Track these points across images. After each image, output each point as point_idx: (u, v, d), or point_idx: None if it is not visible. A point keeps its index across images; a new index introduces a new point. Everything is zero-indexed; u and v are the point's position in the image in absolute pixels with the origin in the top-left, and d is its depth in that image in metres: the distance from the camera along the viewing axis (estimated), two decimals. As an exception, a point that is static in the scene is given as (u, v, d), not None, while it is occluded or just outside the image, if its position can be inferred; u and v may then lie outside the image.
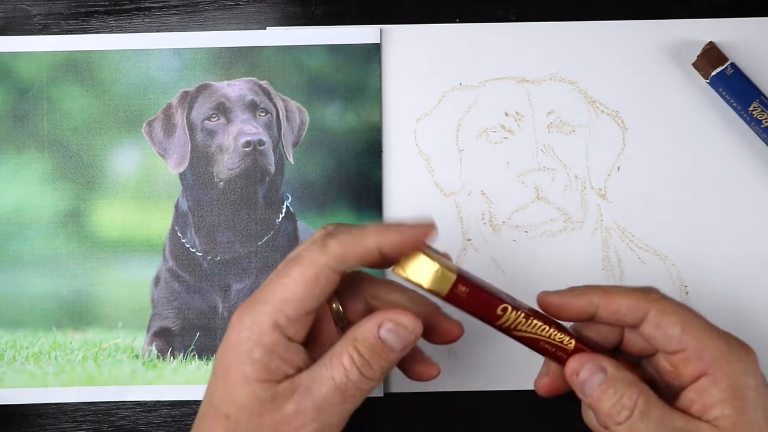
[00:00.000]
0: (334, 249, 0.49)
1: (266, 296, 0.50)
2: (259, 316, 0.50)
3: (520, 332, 0.52)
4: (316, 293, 0.50)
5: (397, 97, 0.68)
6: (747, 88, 0.66)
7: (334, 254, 0.49)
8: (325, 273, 0.49)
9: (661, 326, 0.51)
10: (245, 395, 0.49)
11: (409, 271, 0.50)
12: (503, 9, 0.68)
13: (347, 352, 0.50)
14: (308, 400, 0.49)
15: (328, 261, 0.49)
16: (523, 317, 0.52)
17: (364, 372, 0.50)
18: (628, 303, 0.51)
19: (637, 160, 0.67)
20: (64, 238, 0.67)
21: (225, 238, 0.67)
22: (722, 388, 0.50)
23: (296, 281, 0.49)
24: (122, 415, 0.66)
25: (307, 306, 0.50)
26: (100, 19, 0.68)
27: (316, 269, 0.49)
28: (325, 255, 0.49)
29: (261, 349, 0.49)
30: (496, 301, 0.51)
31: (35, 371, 0.66)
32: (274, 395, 0.49)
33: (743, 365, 0.50)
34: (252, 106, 0.67)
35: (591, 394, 0.51)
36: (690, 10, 0.68)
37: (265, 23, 0.68)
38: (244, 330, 0.50)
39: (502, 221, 0.67)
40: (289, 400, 0.49)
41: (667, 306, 0.51)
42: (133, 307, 0.67)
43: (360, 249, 0.50)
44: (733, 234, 0.67)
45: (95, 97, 0.67)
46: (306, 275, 0.49)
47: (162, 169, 0.67)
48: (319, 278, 0.49)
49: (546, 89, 0.68)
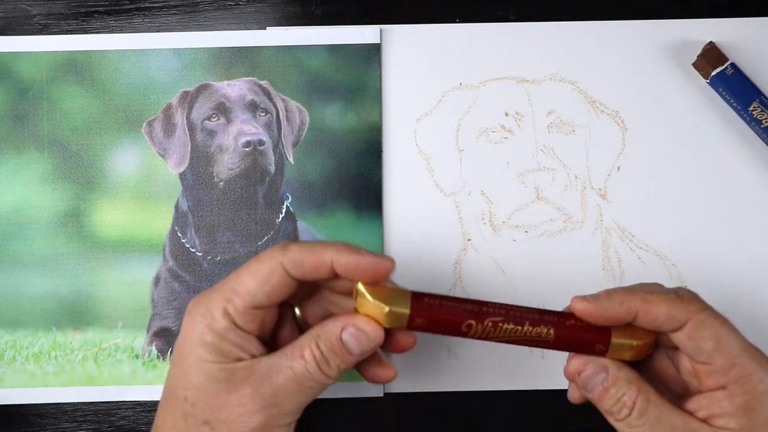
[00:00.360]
0: (292, 252, 0.51)
1: (220, 286, 0.52)
2: (211, 303, 0.51)
3: (493, 338, 0.53)
4: (267, 289, 0.51)
5: (397, 97, 0.68)
6: (747, 88, 0.66)
7: (290, 256, 0.51)
8: (278, 272, 0.51)
9: (695, 338, 0.51)
10: (201, 376, 0.51)
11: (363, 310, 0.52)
12: (503, 9, 0.68)
13: (309, 346, 0.52)
14: (266, 386, 0.51)
15: (283, 261, 0.51)
16: (490, 326, 0.52)
17: (322, 368, 0.51)
18: (667, 313, 0.52)
19: (637, 160, 0.67)
20: (64, 238, 0.67)
21: (225, 238, 0.67)
22: (735, 404, 0.51)
23: (250, 274, 0.51)
24: (122, 415, 0.66)
25: (256, 300, 0.51)
26: (100, 19, 0.68)
27: (271, 266, 0.51)
28: (282, 255, 0.51)
29: (212, 333, 0.51)
30: (458, 321, 0.52)
31: (35, 371, 0.66)
32: (230, 376, 0.51)
33: (765, 386, 0.51)
34: (252, 106, 0.67)
35: (593, 391, 0.53)
36: (690, 10, 0.68)
37: (265, 23, 0.68)
38: (197, 316, 0.52)
39: (502, 221, 0.67)
40: (245, 382, 0.51)
41: (705, 319, 0.52)
42: (133, 307, 0.67)
43: (315, 259, 0.51)
44: (733, 234, 0.67)
45: (95, 97, 0.67)
46: (260, 270, 0.51)
47: (162, 169, 0.67)
48: (272, 275, 0.51)
49: (546, 89, 0.68)
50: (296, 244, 0.52)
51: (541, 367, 0.66)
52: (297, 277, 0.52)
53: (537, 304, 0.66)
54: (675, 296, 0.52)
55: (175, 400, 0.52)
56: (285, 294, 0.52)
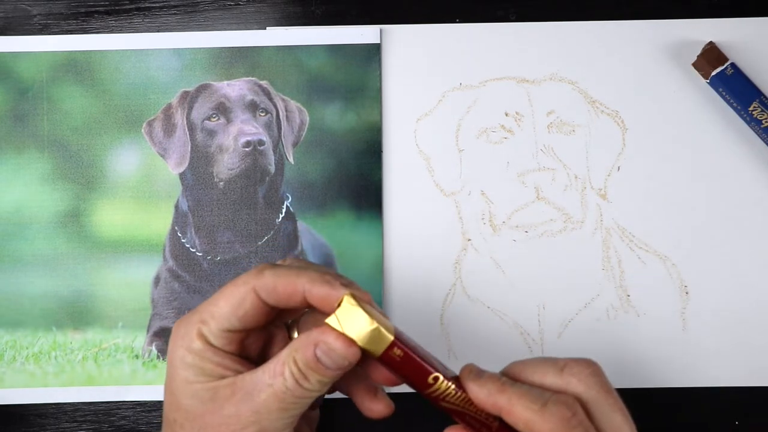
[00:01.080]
0: (266, 278, 0.51)
1: (200, 308, 0.52)
2: (189, 325, 0.51)
3: (448, 404, 0.51)
4: (240, 314, 0.51)
5: (397, 97, 0.68)
6: (747, 88, 0.66)
7: (263, 282, 0.51)
8: (251, 297, 0.51)
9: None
10: (187, 398, 0.51)
11: (343, 323, 0.50)
12: (503, 9, 0.68)
13: (287, 362, 0.50)
14: (247, 404, 0.50)
15: (256, 286, 0.51)
16: (453, 389, 0.51)
17: (302, 383, 0.50)
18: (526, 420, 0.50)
19: (637, 160, 0.67)
20: (64, 238, 0.67)
21: (225, 238, 0.67)
22: None
23: (224, 298, 0.51)
24: (122, 415, 0.66)
25: (229, 324, 0.51)
26: (100, 19, 0.68)
27: (244, 292, 0.51)
28: (256, 280, 0.51)
29: (192, 354, 0.51)
30: (428, 370, 0.51)
31: (35, 371, 0.66)
32: (213, 396, 0.51)
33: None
34: (252, 106, 0.67)
35: None
36: (690, 10, 0.68)
37: (265, 23, 0.68)
38: (178, 338, 0.52)
39: (502, 221, 0.67)
40: (228, 401, 0.51)
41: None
42: (133, 307, 0.67)
43: (288, 288, 0.51)
44: (733, 234, 0.67)
45: (95, 97, 0.67)
46: (234, 295, 0.51)
47: (162, 169, 0.67)
48: (245, 300, 0.51)
49: (546, 89, 0.68)
50: (272, 269, 0.51)
51: (541, 367, 0.66)
52: (271, 304, 0.51)
53: (537, 303, 0.67)
54: (541, 407, 0.50)
55: (167, 422, 0.52)
56: (260, 319, 0.52)
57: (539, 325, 0.66)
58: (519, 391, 0.50)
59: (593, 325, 0.66)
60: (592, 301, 0.66)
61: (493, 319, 0.67)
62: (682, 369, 0.66)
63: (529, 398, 0.50)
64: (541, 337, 0.66)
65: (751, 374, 0.66)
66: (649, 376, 0.66)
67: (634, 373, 0.66)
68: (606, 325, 0.66)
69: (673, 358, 0.66)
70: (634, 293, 0.67)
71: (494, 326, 0.67)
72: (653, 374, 0.66)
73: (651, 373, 0.66)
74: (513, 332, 0.66)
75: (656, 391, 0.66)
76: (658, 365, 0.66)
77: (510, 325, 0.66)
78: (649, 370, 0.66)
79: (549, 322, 0.66)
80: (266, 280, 0.51)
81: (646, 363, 0.66)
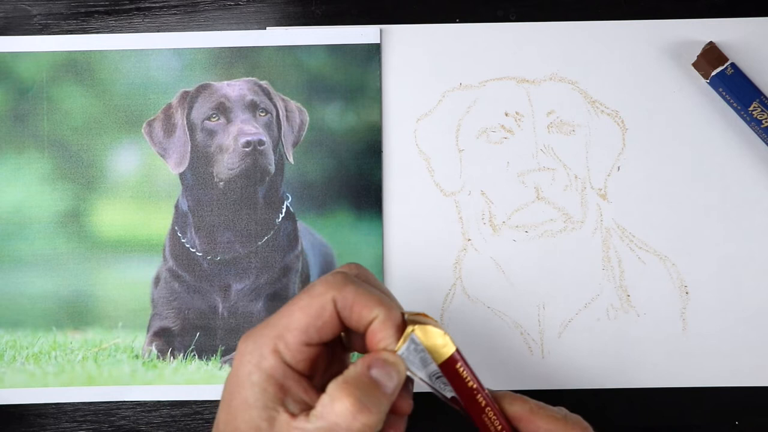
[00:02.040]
0: (347, 292, 0.49)
1: (272, 321, 0.50)
2: (261, 339, 0.49)
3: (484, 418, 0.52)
4: (318, 325, 0.49)
5: (397, 97, 0.68)
6: (747, 88, 0.66)
7: (344, 296, 0.49)
8: (330, 308, 0.49)
9: None
10: (245, 423, 0.49)
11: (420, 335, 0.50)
12: (503, 9, 0.68)
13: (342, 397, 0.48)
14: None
15: (336, 298, 0.49)
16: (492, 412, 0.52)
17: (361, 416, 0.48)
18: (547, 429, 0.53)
19: (637, 160, 0.67)
20: (64, 238, 0.67)
21: (225, 238, 0.67)
22: None
23: (301, 309, 0.49)
24: (122, 415, 0.66)
25: (307, 337, 0.49)
26: (100, 19, 0.68)
27: (324, 302, 0.49)
28: (337, 291, 0.49)
29: (260, 372, 0.49)
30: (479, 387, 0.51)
31: (35, 371, 0.66)
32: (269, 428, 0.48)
33: None
34: (252, 106, 0.67)
35: None
36: (690, 10, 0.68)
37: (265, 23, 0.68)
38: (246, 354, 0.49)
39: (502, 221, 0.67)
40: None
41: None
42: (133, 307, 0.67)
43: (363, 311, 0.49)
44: (733, 234, 0.67)
45: (95, 97, 0.67)
46: (312, 305, 0.49)
47: (162, 169, 0.67)
48: (324, 310, 0.49)
49: (546, 89, 0.68)
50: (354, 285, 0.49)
51: (541, 367, 0.66)
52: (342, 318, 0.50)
53: (537, 303, 0.67)
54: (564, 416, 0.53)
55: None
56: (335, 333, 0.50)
57: (539, 325, 0.66)
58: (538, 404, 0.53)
59: (593, 325, 0.66)
60: (592, 301, 0.67)
61: (493, 319, 0.67)
62: (682, 369, 0.66)
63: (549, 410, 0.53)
64: (541, 337, 0.66)
65: (751, 374, 0.66)
66: (649, 376, 0.66)
67: (634, 373, 0.66)
68: (606, 325, 0.66)
69: (673, 358, 0.66)
70: (634, 293, 0.67)
71: (494, 326, 0.67)
72: (653, 374, 0.66)
73: (651, 373, 0.66)
74: (513, 332, 0.66)
75: (656, 391, 0.66)
76: (658, 365, 0.66)
77: (510, 325, 0.67)
78: (649, 370, 0.66)
79: (549, 322, 0.66)
80: (347, 294, 0.49)
81: (646, 363, 0.66)
